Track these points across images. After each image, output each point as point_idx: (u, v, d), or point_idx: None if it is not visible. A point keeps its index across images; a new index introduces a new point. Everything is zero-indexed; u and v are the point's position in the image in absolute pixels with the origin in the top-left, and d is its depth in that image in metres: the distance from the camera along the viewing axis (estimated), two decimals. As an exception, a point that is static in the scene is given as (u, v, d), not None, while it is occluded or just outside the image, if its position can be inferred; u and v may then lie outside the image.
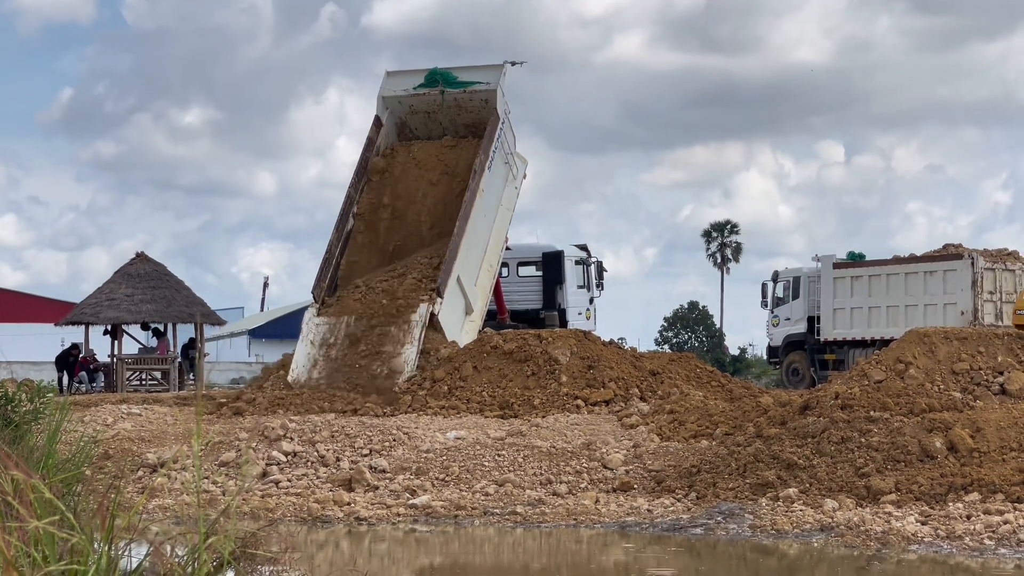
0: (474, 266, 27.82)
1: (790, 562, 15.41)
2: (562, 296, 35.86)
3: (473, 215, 27.22)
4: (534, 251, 36.49)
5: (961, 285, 37.61)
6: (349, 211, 28.49)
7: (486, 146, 27.94)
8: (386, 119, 29.47)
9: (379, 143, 29.20)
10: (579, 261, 36.89)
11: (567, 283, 35.97)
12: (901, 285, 39.06)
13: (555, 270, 35.93)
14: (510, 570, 15.67)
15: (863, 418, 19.07)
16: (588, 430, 21.97)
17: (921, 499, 17.20)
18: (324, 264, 27.91)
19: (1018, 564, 14.60)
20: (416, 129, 29.82)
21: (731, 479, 18.54)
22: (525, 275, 35.98)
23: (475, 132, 29.12)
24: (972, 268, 37.46)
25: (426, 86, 29.38)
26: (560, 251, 36.41)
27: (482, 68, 29.82)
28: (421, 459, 20.26)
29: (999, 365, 24.11)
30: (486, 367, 24.97)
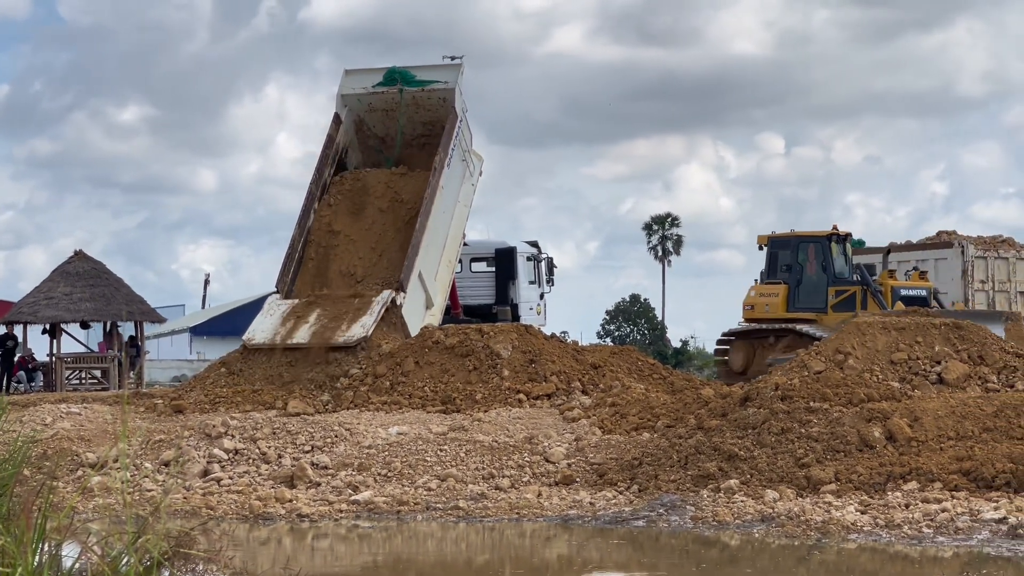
0: (434, 261, 28.34)
1: (731, 553, 15.49)
2: (514, 291, 36.41)
3: (433, 211, 27.73)
4: (487, 247, 36.97)
5: (952, 274, 37.13)
6: (311, 207, 28.88)
7: (445, 143, 28.43)
8: (345, 116, 29.90)
9: (337, 140, 29.55)
10: (530, 257, 37.44)
11: (519, 279, 36.55)
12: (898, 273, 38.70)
13: (507, 266, 36.50)
14: (453, 565, 15.66)
15: (803, 409, 19.20)
16: (530, 424, 22.00)
17: (860, 488, 17.35)
18: (287, 258, 28.38)
19: (956, 552, 14.75)
20: (374, 127, 30.38)
21: (673, 471, 18.62)
22: (478, 271, 36.44)
23: (432, 130, 29.64)
24: (963, 256, 37.00)
25: (385, 84, 29.95)
26: (513, 247, 36.96)
27: (440, 67, 30.42)
28: (363, 455, 20.22)
29: (937, 355, 24.30)
30: (428, 362, 24.95)
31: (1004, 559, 14.27)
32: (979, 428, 18.29)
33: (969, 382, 23.66)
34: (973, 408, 18.85)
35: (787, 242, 34.46)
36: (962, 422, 18.47)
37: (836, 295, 32.89)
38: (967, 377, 23.80)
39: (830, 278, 33.34)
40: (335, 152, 29.79)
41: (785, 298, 33.82)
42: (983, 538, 15.16)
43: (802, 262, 34.04)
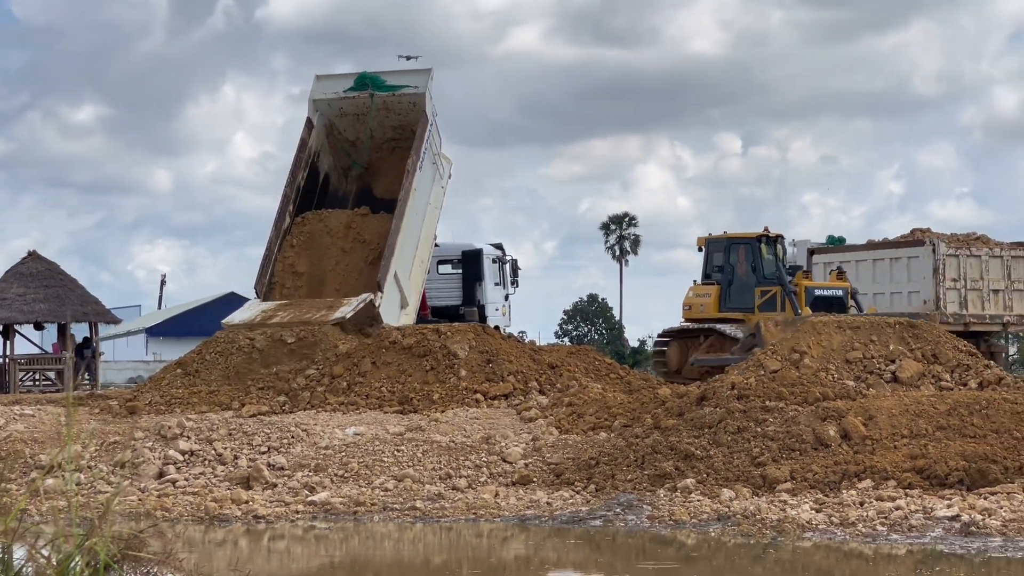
0: (408, 262, 28.83)
1: (688, 552, 15.53)
2: (481, 293, 36.78)
3: (407, 213, 28.21)
4: (454, 249, 37.30)
5: (924, 272, 37.03)
6: (286, 209, 29.45)
7: (417, 147, 28.92)
8: (317, 121, 30.32)
9: (310, 144, 30.03)
10: (496, 259, 37.86)
11: (486, 280, 36.93)
12: (870, 272, 38.40)
13: (474, 268, 36.91)
14: (410, 566, 15.63)
15: (759, 408, 19.29)
16: (487, 424, 22.01)
17: (816, 487, 17.43)
18: (264, 261, 28.93)
19: (909, 549, 14.84)
20: (344, 131, 30.92)
21: (629, 471, 18.67)
22: (445, 272, 36.74)
23: (402, 134, 30.28)
24: (934, 255, 36.91)
25: (356, 89, 30.47)
26: (479, 249, 37.36)
27: (410, 72, 30.97)
28: (320, 456, 20.17)
29: (891, 353, 24.44)
30: (385, 362, 24.93)
31: (957, 556, 14.37)
32: (933, 426, 18.42)
33: (923, 380, 23.81)
34: (927, 406, 18.98)
35: (720, 243, 34.79)
36: (916, 420, 18.59)
37: (761, 295, 33.22)
38: (921, 375, 23.96)
39: (759, 279, 33.63)
40: (308, 156, 30.18)
41: (717, 298, 34.19)
42: (936, 536, 15.26)
43: (733, 263, 34.37)
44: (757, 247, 33.93)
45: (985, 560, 14.17)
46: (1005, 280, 37.59)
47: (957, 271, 36.86)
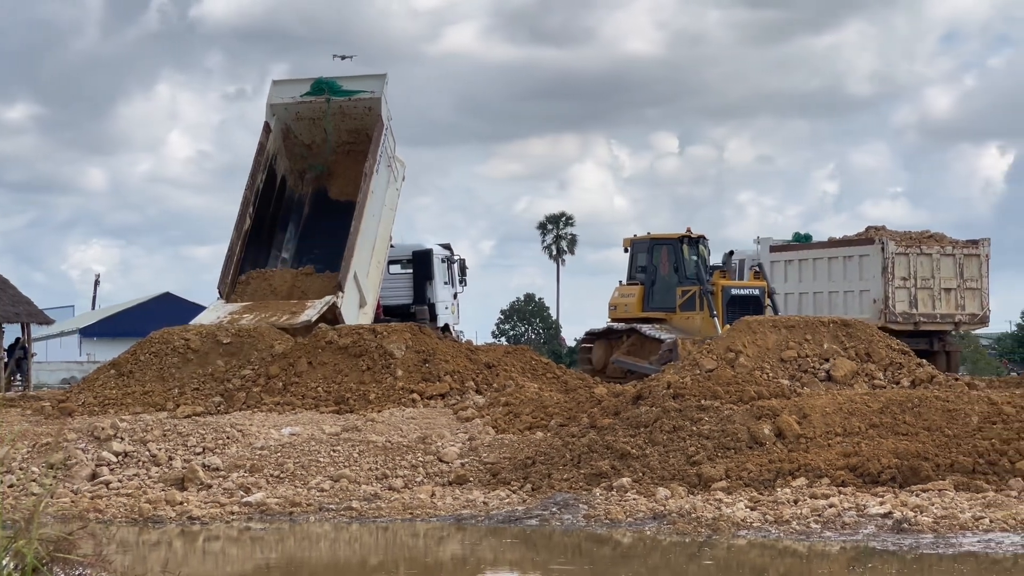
0: (366, 262, 29.62)
1: (624, 551, 15.58)
2: (431, 292, 37.45)
3: (364, 215, 28.94)
4: (404, 250, 37.71)
5: (874, 271, 36.93)
6: (246, 211, 30.06)
7: (373, 151, 29.70)
8: (274, 125, 30.98)
9: (268, 147, 30.69)
10: (445, 259, 38.61)
11: (436, 280, 37.60)
12: (825, 270, 38.37)
13: (424, 267, 37.55)
14: (347, 566, 15.59)
15: (694, 407, 19.38)
16: (424, 424, 21.98)
17: (750, 485, 17.54)
18: (227, 261, 29.53)
19: (843, 546, 14.97)
20: (300, 134, 31.58)
21: (566, 470, 18.70)
22: (395, 272, 37.14)
23: (357, 138, 31.12)
24: (883, 253, 36.78)
25: (312, 94, 31.25)
26: (429, 249, 38.05)
27: (366, 77, 31.66)
28: (255, 456, 20.07)
29: (825, 352, 24.65)
30: (321, 362, 24.84)
31: (889, 553, 14.52)
32: (866, 424, 18.59)
33: (857, 379, 24.06)
34: (860, 405, 19.14)
35: (644, 244, 34.95)
36: (849, 419, 18.75)
37: (682, 295, 33.39)
38: (855, 374, 24.20)
39: (680, 279, 33.80)
40: (266, 159, 30.81)
41: (641, 299, 34.37)
42: (869, 533, 15.40)
43: (656, 263, 34.54)
44: (679, 248, 34.10)
45: (917, 557, 14.32)
46: (957, 279, 37.41)
47: (907, 270, 36.76)
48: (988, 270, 37.85)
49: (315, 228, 31.69)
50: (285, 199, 31.69)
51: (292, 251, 31.58)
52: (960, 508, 15.96)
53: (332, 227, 30.14)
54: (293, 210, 31.99)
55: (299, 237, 31.84)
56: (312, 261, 30.57)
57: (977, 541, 14.84)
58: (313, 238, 31.53)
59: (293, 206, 31.90)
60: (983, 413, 18.37)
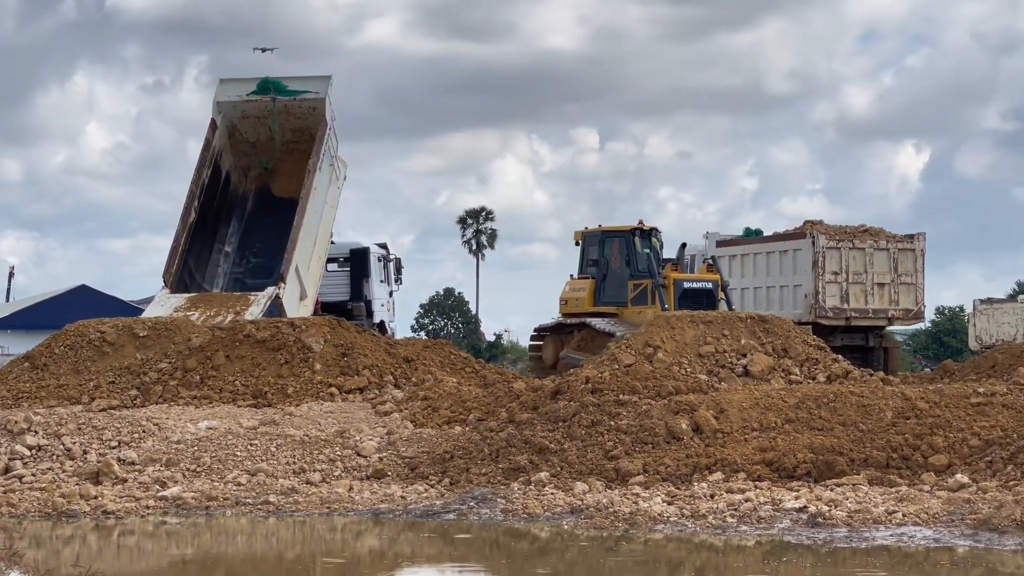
0: (307, 256, 30.47)
1: (541, 545, 15.63)
2: (368, 289, 38.21)
3: (307, 211, 29.89)
4: (342, 248, 38.33)
5: (805, 266, 36.84)
6: (191, 204, 30.71)
7: (317, 149, 30.78)
8: (220, 123, 31.83)
9: (214, 144, 31.49)
10: (381, 258, 39.43)
11: (372, 277, 38.41)
12: (763, 265, 38.23)
13: (361, 266, 38.35)
14: (263, 560, 15.52)
15: (612, 402, 19.45)
16: (342, 418, 21.91)
17: (668, 480, 17.65)
18: (172, 252, 30.18)
19: (758, 541, 15.10)
20: (245, 132, 32.46)
21: (484, 464, 18.71)
22: (333, 270, 37.62)
23: (301, 137, 32.08)
24: (813, 247, 36.68)
25: (258, 93, 32.25)
26: (366, 248, 38.88)
27: (311, 79, 32.71)
28: (171, 450, 19.92)
29: (743, 348, 24.85)
30: (239, 356, 24.67)
31: (804, 547, 14.66)
32: (782, 419, 18.75)
33: (773, 374, 24.27)
34: (776, 400, 19.30)
35: (595, 237, 34.68)
36: (766, 414, 18.91)
37: (634, 289, 33.15)
38: (771, 369, 24.41)
39: (632, 272, 33.57)
40: (211, 155, 31.62)
41: (592, 293, 34.03)
42: (784, 527, 15.55)
43: (608, 257, 34.24)
44: (631, 240, 33.74)
45: (831, 550, 14.47)
46: (891, 273, 37.28)
47: (838, 264, 36.60)
48: (924, 265, 37.71)
49: (258, 223, 32.47)
50: (230, 194, 32.48)
51: (235, 245, 32.31)
52: (873, 502, 16.14)
53: (275, 223, 31.02)
54: (237, 205, 32.76)
55: (242, 232, 32.58)
56: (255, 255, 31.71)
57: (890, 535, 15.02)
58: (256, 233, 32.33)
59: (237, 201, 32.70)
60: (897, 408, 18.58)
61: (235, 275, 31.85)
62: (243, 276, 31.70)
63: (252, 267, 31.82)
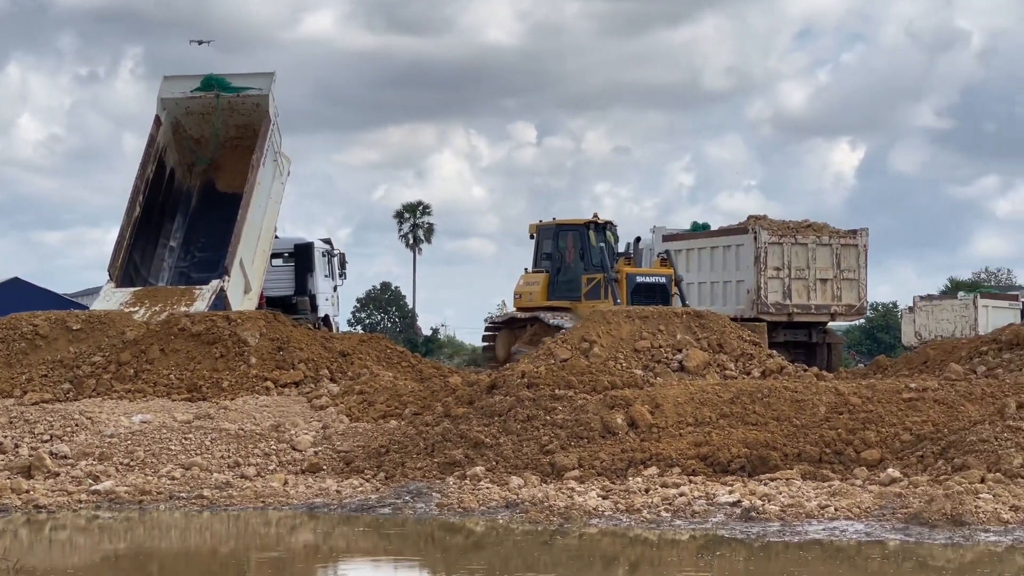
0: (251, 250, 30.82)
1: (476, 539, 15.64)
2: (312, 284, 38.48)
3: (251, 206, 30.29)
4: (286, 243, 38.69)
5: (747, 261, 36.74)
6: (136, 199, 31.03)
7: (260, 145, 31.16)
8: (164, 119, 32.23)
9: (158, 140, 31.84)
10: (325, 253, 39.79)
11: (316, 272, 38.70)
12: (707, 260, 38.12)
13: (306, 260, 38.65)
14: (197, 555, 15.43)
15: (548, 396, 19.47)
16: (277, 412, 21.84)
17: (603, 474, 17.69)
18: (117, 246, 30.47)
19: (692, 535, 15.17)
20: (189, 129, 32.89)
21: (419, 459, 18.69)
22: (277, 265, 37.97)
23: (245, 133, 32.49)
24: (755, 243, 36.62)
25: (202, 90, 32.62)
26: (311, 243, 39.29)
27: (254, 75, 33.18)
28: (105, 444, 19.76)
29: (678, 343, 24.99)
30: (173, 349, 24.54)
31: (737, 541, 14.75)
32: (716, 414, 18.84)
33: (708, 369, 24.41)
34: (711, 395, 19.39)
35: (550, 230, 34.53)
36: (700, 409, 18.99)
37: (588, 283, 33.00)
38: (707, 364, 24.57)
39: (586, 266, 33.42)
40: (156, 151, 31.95)
41: (546, 286, 33.85)
42: (718, 521, 15.63)
43: (562, 250, 34.10)
44: (586, 234, 33.56)
45: (764, 544, 14.56)
46: (834, 269, 37.28)
47: (780, 259, 36.54)
48: (866, 261, 37.78)
49: (203, 218, 32.79)
50: (174, 190, 32.80)
51: (180, 240, 32.64)
52: (806, 497, 16.26)
53: (219, 218, 31.32)
54: (182, 201, 33.08)
55: (187, 226, 32.91)
56: (199, 250, 32.09)
57: (822, 529, 15.14)
58: (201, 228, 32.65)
59: (182, 197, 33.05)
60: (830, 404, 18.72)
61: (180, 269, 32.06)
62: (188, 270, 31.90)
63: (197, 261, 31.99)
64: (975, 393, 19.06)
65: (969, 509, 15.20)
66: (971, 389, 19.31)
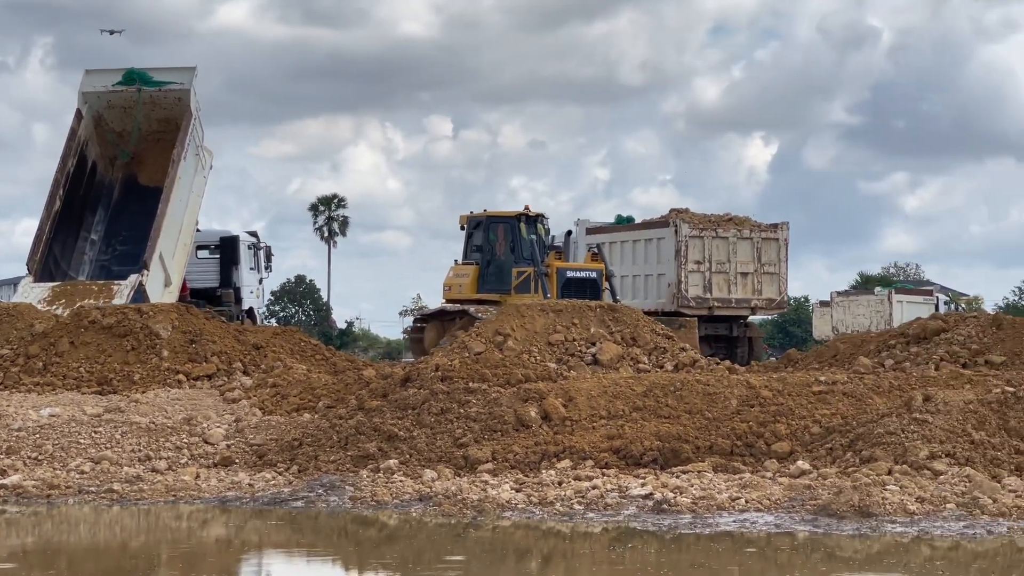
0: (172, 243, 31.07)
1: (389, 532, 15.63)
2: (237, 276, 38.90)
3: (172, 199, 30.56)
4: (212, 236, 39.23)
5: (668, 254, 36.51)
6: (56, 193, 31.29)
7: (182, 139, 31.48)
8: (86, 113, 32.39)
9: (79, 133, 31.99)
10: (251, 246, 40.26)
11: (242, 265, 39.12)
12: (630, 253, 37.96)
13: (231, 253, 39.05)
14: (106, 549, 15.28)
15: (462, 389, 19.48)
16: (189, 405, 21.69)
17: (516, 467, 17.74)
18: (36, 240, 30.82)
19: (605, 527, 15.25)
20: (112, 122, 33.09)
21: (333, 452, 18.64)
22: (203, 257, 38.39)
23: (167, 127, 32.69)
24: (676, 236, 36.43)
25: (123, 84, 32.94)
26: (236, 236, 39.75)
27: (176, 70, 33.54)
28: (12, 438, 19.51)
29: (592, 336, 25.09)
30: (83, 342, 24.28)
31: (649, 533, 14.85)
32: (629, 407, 18.93)
33: (622, 363, 24.54)
34: (624, 388, 19.48)
35: (480, 222, 34.31)
36: (614, 402, 19.08)
37: (518, 276, 32.82)
38: (620, 358, 24.69)
39: (517, 259, 33.20)
40: (77, 144, 32.14)
41: (475, 279, 33.62)
42: (630, 513, 15.72)
43: (492, 242, 33.87)
44: (516, 226, 33.32)
45: (676, 536, 14.67)
46: (755, 263, 37.32)
47: (701, 253, 36.43)
48: (787, 255, 37.89)
49: (124, 211, 32.93)
50: (96, 183, 32.89)
51: (101, 233, 32.79)
52: (718, 489, 16.39)
53: (141, 211, 31.41)
54: (103, 194, 33.21)
55: (109, 220, 33.07)
56: (121, 243, 32.28)
57: (733, 521, 15.28)
58: (122, 221, 32.81)
59: (103, 190, 33.18)
60: (742, 396, 18.88)
61: (101, 262, 32.17)
62: (109, 264, 32.08)
63: (119, 255, 32.08)
64: (883, 386, 19.31)
65: (876, 501, 15.41)
66: (879, 382, 19.57)
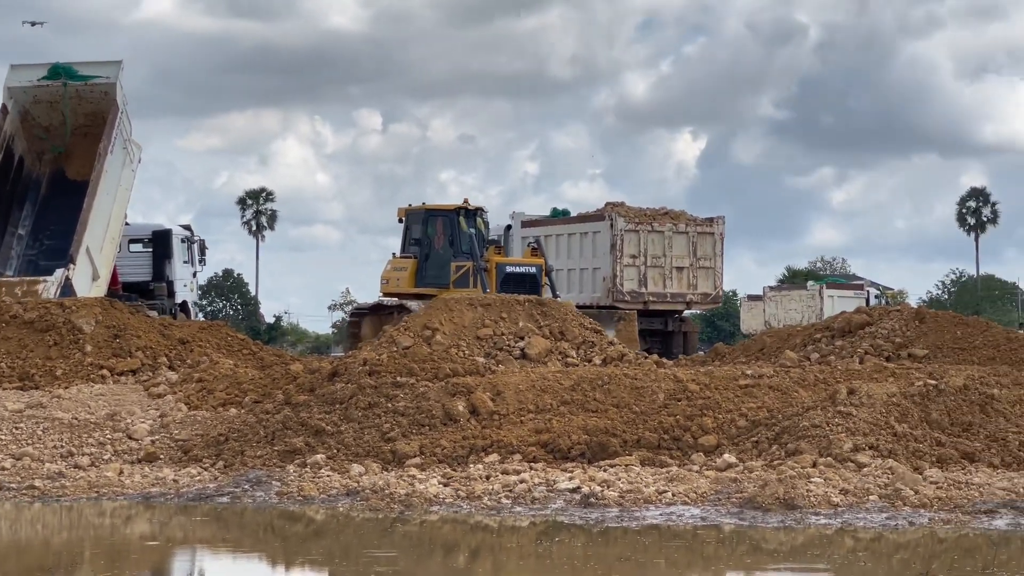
0: (99, 238, 30.69)
1: (316, 527, 15.55)
2: (170, 270, 38.46)
3: (99, 193, 30.25)
4: (145, 229, 38.98)
5: (604, 248, 36.43)
6: None
7: (108, 133, 31.20)
8: (11, 108, 32.13)
9: (5, 128, 31.77)
10: (185, 239, 39.81)
11: (175, 259, 38.70)
12: (565, 247, 37.70)
13: (164, 247, 38.60)
14: (28, 547, 15.09)
15: (390, 384, 19.41)
16: (113, 400, 21.44)
17: (444, 461, 17.70)
18: None
19: (533, 521, 15.25)
20: (39, 117, 32.76)
21: (259, 447, 18.51)
22: (136, 251, 38.16)
23: (94, 121, 32.31)
24: (611, 230, 36.26)
25: (49, 79, 32.53)
26: (169, 230, 39.44)
27: (102, 64, 33.03)
28: (-68, 434, 19.22)
29: (520, 330, 25.07)
30: (5, 337, 23.96)
31: (577, 527, 14.86)
32: (557, 401, 18.94)
33: (551, 357, 24.53)
34: (552, 382, 19.49)
35: (419, 215, 33.98)
36: (542, 396, 19.08)
37: (456, 271, 32.55)
38: (548, 352, 24.68)
39: (456, 253, 32.92)
40: (3, 139, 31.88)
41: (413, 273, 33.28)
42: (558, 507, 15.73)
43: (431, 236, 33.51)
44: (456, 220, 32.93)
45: (603, 530, 14.69)
46: (690, 257, 37.24)
47: (637, 247, 36.34)
48: (723, 249, 37.87)
49: (52, 206, 32.56)
50: (23, 178, 32.63)
51: (29, 227, 32.40)
52: (645, 482, 16.44)
53: (69, 205, 31.07)
54: (31, 189, 32.86)
55: (36, 214, 32.69)
56: (48, 238, 31.83)
57: (660, 514, 15.32)
58: (50, 216, 32.42)
59: (31, 185, 32.86)
60: (669, 390, 18.94)
61: (28, 257, 31.81)
62: (37, 258, 31.61)
63: (46, 249, 31.73)
64: (808, 380, 19.45)
65: (801, 493, 15.51)
66: (804, 376, 19.71)
